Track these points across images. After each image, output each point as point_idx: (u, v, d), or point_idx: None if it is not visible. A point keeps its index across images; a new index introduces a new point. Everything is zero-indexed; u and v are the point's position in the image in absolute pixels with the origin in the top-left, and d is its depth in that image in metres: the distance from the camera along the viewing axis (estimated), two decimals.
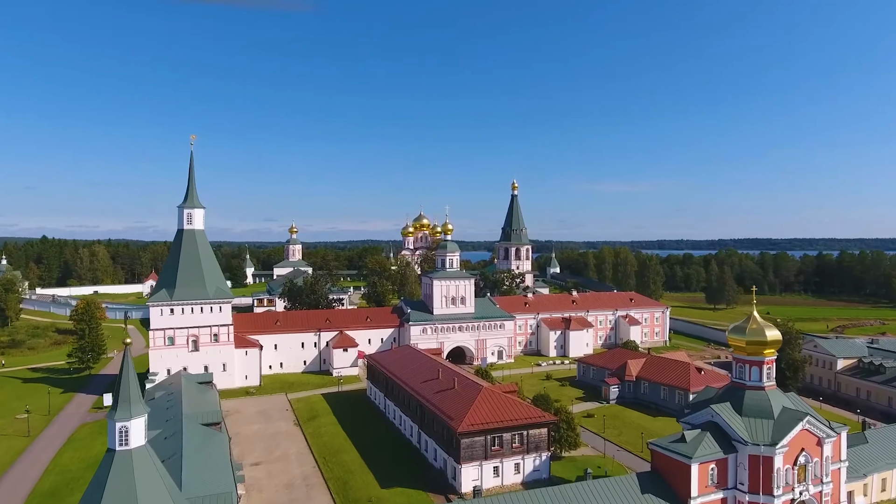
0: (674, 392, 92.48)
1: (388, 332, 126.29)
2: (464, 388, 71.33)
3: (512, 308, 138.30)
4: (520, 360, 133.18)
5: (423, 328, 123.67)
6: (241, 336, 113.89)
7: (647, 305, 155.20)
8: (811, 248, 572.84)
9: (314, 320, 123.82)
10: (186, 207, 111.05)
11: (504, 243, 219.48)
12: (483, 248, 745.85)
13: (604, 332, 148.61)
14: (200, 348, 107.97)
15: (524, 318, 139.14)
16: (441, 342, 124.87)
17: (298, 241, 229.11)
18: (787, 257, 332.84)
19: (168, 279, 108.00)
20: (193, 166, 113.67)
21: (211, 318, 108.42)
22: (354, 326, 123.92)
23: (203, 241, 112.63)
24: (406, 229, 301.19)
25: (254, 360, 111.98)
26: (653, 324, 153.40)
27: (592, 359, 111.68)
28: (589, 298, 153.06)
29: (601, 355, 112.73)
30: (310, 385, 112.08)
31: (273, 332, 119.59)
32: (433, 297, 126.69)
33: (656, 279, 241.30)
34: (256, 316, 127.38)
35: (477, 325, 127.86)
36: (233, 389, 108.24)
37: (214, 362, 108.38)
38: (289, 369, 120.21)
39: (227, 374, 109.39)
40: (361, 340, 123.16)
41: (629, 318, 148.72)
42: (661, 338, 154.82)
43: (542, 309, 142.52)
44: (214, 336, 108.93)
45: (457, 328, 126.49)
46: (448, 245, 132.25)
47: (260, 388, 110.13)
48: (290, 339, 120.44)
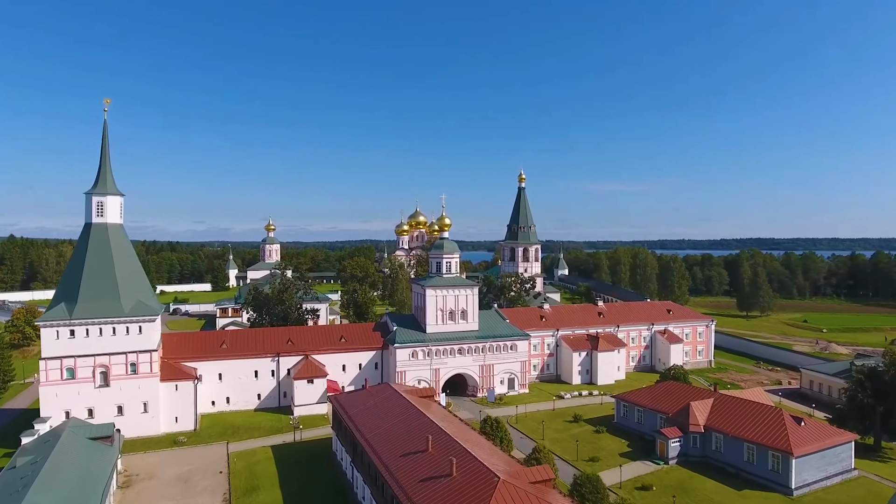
0: (765, 454, 64.92)
1: (369, 357, 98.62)
2: (467, 476, 43.84)
3: (524, 323, 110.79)
4: (536, 389, 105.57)
5: (413, 351, 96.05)
6: (171, 364, 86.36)
7: (688, 318, 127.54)
8: (815, 247, 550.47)
9: (272, 341, 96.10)
10: (96, 194, 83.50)
11: (510, 242, 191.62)
12: (483, 247, 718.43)
13: (636, 351, 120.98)
14: (112, 383, 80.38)
15: (540, 336, 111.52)
16: (436, 368, 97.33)
17: (276, 239, 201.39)
18: (816, 258, 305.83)
19: (68, 290, 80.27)
20: (108, 141, 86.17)
21: (128, 341, 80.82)
22: (324, 349, 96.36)
23: (120, 240, 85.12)
24: (400, 227, 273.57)
25: (187, 397, 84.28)
26: (695, 340, 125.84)
27: (637, 396, 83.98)
28: (617, 310, 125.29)
29: (648, 391, 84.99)
30: (262, 430, 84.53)
31: (217, 357, 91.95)
32: (426, 310, 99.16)
33: (681, 283, 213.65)
34: (194, 337, 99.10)
35: (482, 346, 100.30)
36: (156, 438, 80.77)
37: (132, 401, 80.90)
38: (237, 406, 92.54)
39: (150, 417, 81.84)
40: (333, 367, 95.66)
41: (668, 333, 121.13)
42: (704, 357, 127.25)
43: (563, 324, 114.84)
44: (132, 366, 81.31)
45: (456, 350, 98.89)
46: (445, 244, 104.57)
47: (194, 434, 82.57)
48: (239, 366, 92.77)
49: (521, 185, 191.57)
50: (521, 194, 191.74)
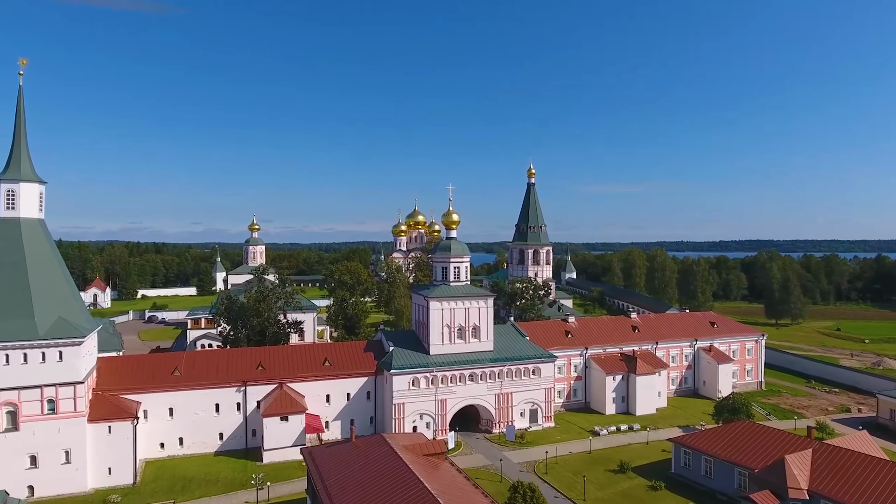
0: None
1: (359, 385, 79.84)
2: None
3: (546, 339, 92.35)
4: (563, 422, 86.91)
5: (414, 378, 77.35)
6: (105, 398, 67.60)
7: (734, 332, 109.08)
8: (814, 249, 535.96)
9: (239, 365, 77.17)
10: (5, 181, 64.85)
11: (518, 244, 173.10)
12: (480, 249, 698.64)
13: (677, 372, 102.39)
14: (22, 426, 61.53)
15: (566, 356, 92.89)
16: (442, 399, 78.63)
17: (261, 240, 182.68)
18: (840, 260, 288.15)
19: None
20: (23, 111, 67.36)
21: (44, 371, 61.98)
22: (304, 375, 77.59)
23: (38, 240, 66.44)
24: (398, 227, 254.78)
25: (123, 442, 65.38)
26: (742, 357, 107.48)
27: (704, 441, 65.31)
28: (653, 323, 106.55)
29: (717, 435, 66.16)
30: (220, 483, 65.71)
31: (169, 387, 73.07)
32: (430, 326, 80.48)
33: (705, 288, 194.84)
34: (139, 361, 78.40)
35: (499, 370, 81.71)
36: (81, 498, 62.11)
37: (49, 450, 62.07)
38: (193, 449, 73.52)
39: (73, 470, 62.99)
40: (314, 399, 76.98)
41: (714, 351, 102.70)
42: (753, 378, 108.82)
43: (592, 340, 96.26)
44: (49, 403, 62.46)
45: (467, 377, 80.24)
46: (453, 245, 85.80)
47: (133, 491, 63.74)
48: (196, 398, 73.82)
49: (531, 181, 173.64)
50: (531, 191, 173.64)
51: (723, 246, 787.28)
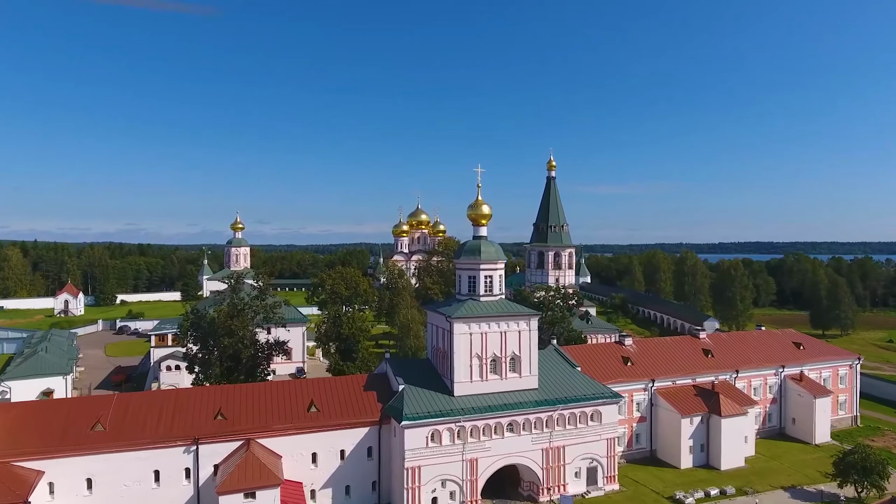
0: None
1: (358, 438, 58.10)
2: None
3: (597, 368, 71.11)
4: (627, 481, 65.29)
5: (433, 431, 55.81)
6: None
7: (824, 355, 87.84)
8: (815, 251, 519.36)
9: (188, 414, 55.38)
10: None
11: (537, 245, 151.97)
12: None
13: (759, 407, 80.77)
14: None
15: (626, 390, 71.21)
16: (471, 459, 57.18)
17: (245, 241, 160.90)
18: (874, 263, 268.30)
19: None
20: None
21: None
22: (281, 427, 55.95)
23: None
24: (399, 227, 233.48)
25: None
26: (835, 386, 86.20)
27: None
28: (726, 345, 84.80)
29: None
30: None
31: (86, 448, 51.28)
32: (453, 357, 59.03)
33: (745, 296, 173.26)
34: (44, 412, 55.32)
35: (547, 417, 60.22)
36: None
37: None
38: None
39: None
40: (295, 460, 55.36)
41: (805, 380, 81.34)
42: (847, 412, 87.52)
43: (657, 370, 74.81)
44: None
45: (504, 427, 58.73)
46: (483, 247, 63.98)
47: None
48: (125, 464, 52.05)
49: (551, 174, 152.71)
50: (551, 185, 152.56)
51: (722, 248, 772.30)
